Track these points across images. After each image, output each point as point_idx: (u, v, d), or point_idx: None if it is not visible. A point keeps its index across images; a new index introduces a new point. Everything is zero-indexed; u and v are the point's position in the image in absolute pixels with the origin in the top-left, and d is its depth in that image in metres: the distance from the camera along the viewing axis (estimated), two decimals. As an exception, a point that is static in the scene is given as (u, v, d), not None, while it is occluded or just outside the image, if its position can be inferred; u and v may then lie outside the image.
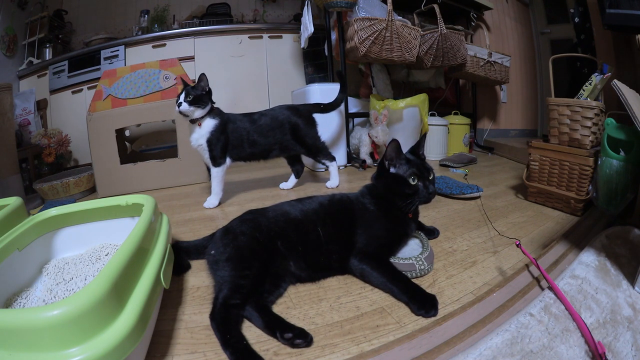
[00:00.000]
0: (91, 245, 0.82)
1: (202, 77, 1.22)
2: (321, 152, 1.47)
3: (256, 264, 0.66)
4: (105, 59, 2.37)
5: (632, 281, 0.69)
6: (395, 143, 0.76)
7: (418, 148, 0.82)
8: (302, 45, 2.21)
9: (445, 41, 1.98)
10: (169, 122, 1.89)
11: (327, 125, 1.87)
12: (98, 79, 1.87)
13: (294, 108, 1.45)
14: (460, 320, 0.60)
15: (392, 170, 0.78)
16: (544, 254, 0.82)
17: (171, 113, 1.73)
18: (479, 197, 1.28)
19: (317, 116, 1.88)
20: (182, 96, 1.19)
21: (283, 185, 1.55)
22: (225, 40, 2.50)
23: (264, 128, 1.34)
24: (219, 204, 1.34)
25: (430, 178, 0.77)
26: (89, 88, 2.36)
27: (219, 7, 2.84)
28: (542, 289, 0.68)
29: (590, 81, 1.21)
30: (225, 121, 1.29)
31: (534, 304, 0.63)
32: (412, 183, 0.75)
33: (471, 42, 2.38)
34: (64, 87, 2.42)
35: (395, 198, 0.77)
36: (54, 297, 0.65)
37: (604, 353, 0.50)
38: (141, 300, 0.48)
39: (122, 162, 1.70)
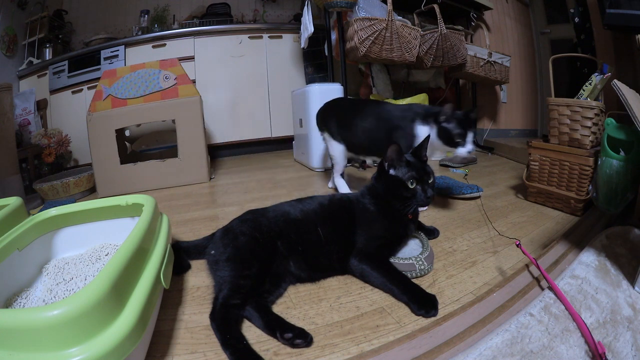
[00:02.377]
0: (91, 245, 0.82)
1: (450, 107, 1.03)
2: None
3: (256, 264, 0.66)
4: (105, 59, 2.37)
5: (632, 281, 0.69)
6: (396, 147, 0.76)
7: (420, 150, 0.82)
8: (302, 45, 2.20)
9: (445, 41, 1.97)
10: (169, 122, 1.89)
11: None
12: (98, 79, 1.87)
13: None
14: (460, 320, 0.60)
15: (391, 172, 0.78)
16: (544, 254, 0.82)
17: (171, 113, 1.73)
18: (479, 197, 1.28)
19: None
20: (471, 138, 1.02)
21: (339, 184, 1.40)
22: (225, 40, 2.50)
23: None
24: None
25: (429, 182, 0.77)
26: (89, 88, 2.36)
27: (219, 7, 2.84)
28: (542, 289, 0.68)
29: (590, 81, 1.21)
30: None
31: (534, 304, 0.63)
32: (411, 187, 0.75)
33: (471, 42, 2.38)
34: (64, 87, 2.42)
35: (394, 200, 0.77)
36: (54, 297, 0.65)
37: (604, 353, 0.50)
38: (141, 300, 0.49)
39: (122, 162, 1.70)
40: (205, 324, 0.61)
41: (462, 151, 1.01)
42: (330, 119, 1.34)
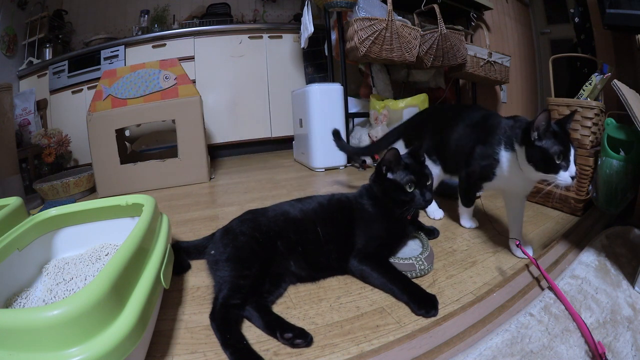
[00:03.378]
0: (91, 245, 0.82)
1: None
2: None
3: (256, 264, 0.66)
4: (105, 59, 2.37)
5: (632, 281, 0.69)
6: (394, 151, 0.75)
7: (418, 150, 0.81)
8: (302, 45, 2.20)
9: (445, 41, 1.97)
10: (169, 122, 1.89)
11: (327, 125, 1.86)
12: (98, 79, 1.86)
13: None
14: (460, 320, 0.60)
15: (389, 176, 0.78)
16: (544, 254, 0.82)
17: (171, 113, 1.73)
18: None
19: (319, 115, 1.88)
20: (573, 157, 0.70)
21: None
22: (225, 40, 2.50)
23: None
24: None
25: (427, 184, 0.77)
26: (89, 88, 2.36)
27: (219, 7, 2.84)
28: (542, 289, 0.68)
29: (590, 81, 1.21)
30: None
31: (534, 304, 0.63)
32: (409, 190, 0.75)
33: (471, 42, 2.38)
34: (64, 87, 2.42)
35: (392, 204, 0.77)
36: (54, 297, 0.65)
37: (604, 353, 0.50)
38: (141, 300, 0.48)
39: (122, 162, 1.70)
40: (205, 324, 0.60)
41: (565, 177, 0.68)
42: (424, 133, 1.09)
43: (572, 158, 0.69)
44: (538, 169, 0.72)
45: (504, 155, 0.80)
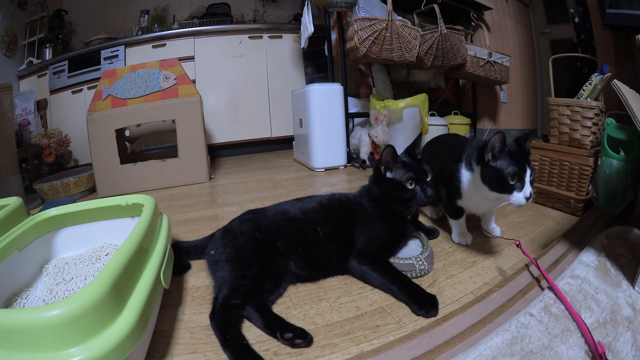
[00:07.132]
0: (91, 245, 0.82)
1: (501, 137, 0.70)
2: None
3: (256, 264, 0.66)
4: (105, 59, 2.37)
5: (632, 281, 0.69)
6: (390, 149, 0.75)
7: (414, 148, 0.82)
8: (302, 45, 2.21)
9: (445, 41, 1.97)
10: (169, 122, 1.89)
11: (327, 125, 1.87)
12: (98, 79, 1.87)
13: None
14: (460, 320, 0.60)
15: (388, 175, 0.78)
16: (544, 254, 0.82)
17: (171, 113, 1.73)
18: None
19: (319, 115, 1.88)
20: (529, 177, 0.69)
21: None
22: (225, 40, 2.50)
23: None
24: None
25: (427, 180, 0.77)
26: (89, 88, 2.36)
27: (219, 7, 2.84)
28: (542, 289, 0.68)
29: (590, 81, 1.20)
30: None
31: (534, 304, 0.63)
32: (409, 187, 0.75)
33: (471, 42, 2.38)
34: (64, 87, 2.42)
35: (393, 203, 0.77)
36: (54, 297, 0.65)
37: (604, 353, 0.50)
38: (141, 300, 0.48)
39: (122, 162, 1.70)
40: (205, 324, 0.61)
41: (519, 198, 0.68)
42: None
43: (527, 179, 0.69)
44: (492, 188, 0.72)
45: (465, 175, 0.81)
